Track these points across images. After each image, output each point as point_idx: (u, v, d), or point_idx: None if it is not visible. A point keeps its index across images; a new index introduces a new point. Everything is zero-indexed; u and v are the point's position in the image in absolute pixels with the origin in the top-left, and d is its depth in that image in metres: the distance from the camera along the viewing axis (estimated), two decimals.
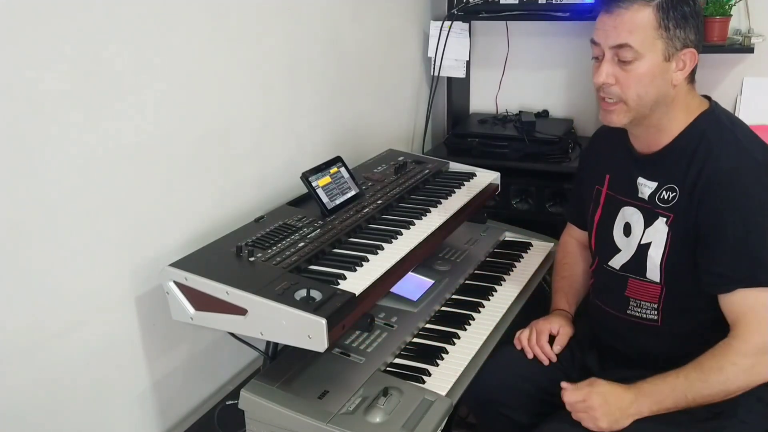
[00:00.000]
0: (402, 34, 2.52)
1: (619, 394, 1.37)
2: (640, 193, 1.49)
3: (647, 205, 1.47)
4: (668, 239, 1.43)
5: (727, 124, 1.43)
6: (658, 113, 1.41)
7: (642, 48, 1.35)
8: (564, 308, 1.69)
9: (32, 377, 1.25)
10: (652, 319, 1.49)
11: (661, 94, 1.39)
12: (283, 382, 1.36)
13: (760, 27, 2.36)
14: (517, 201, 2.45)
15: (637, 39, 1.35)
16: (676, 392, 1.34)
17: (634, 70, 1.36)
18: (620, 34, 1.35)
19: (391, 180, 1.87)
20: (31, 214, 1.21)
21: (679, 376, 1.35)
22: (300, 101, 1.91)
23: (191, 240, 1.54)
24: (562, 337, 1.62)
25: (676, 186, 1.42)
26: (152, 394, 1.53)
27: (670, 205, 1.43)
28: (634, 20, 1.35)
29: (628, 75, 1.37)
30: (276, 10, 1.77)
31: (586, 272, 1.75)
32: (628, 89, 1.38)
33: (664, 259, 1.44)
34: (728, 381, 1.33)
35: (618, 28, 1.36)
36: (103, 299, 1.37)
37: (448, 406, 1.35)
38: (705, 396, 1.33)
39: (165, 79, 1.45)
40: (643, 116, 1.41)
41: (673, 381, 1.35)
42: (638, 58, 1.35)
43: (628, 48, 1.35)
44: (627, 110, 1.40)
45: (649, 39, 1.35)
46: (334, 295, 1.28)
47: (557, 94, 2.73)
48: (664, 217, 1.44)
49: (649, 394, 1.36)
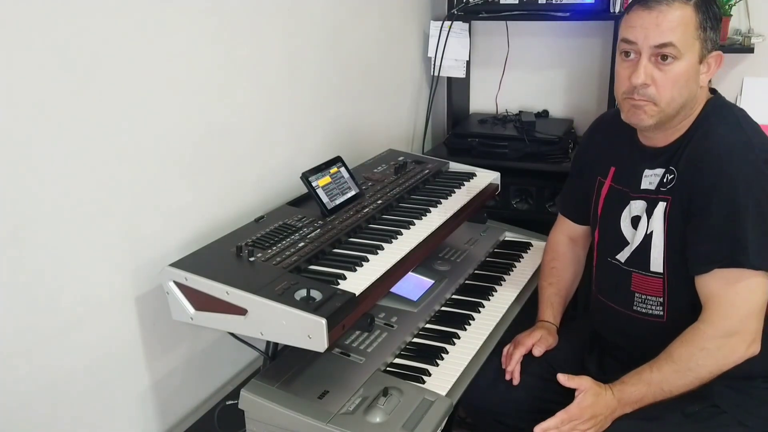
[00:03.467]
0: (402, 34, 2.52)
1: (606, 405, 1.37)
2: (647, 184, 1.47)
3: (651, 195, 1.46)
4: (666, 224, 1.43)
5: (731, 107, 1.43)
6: (681, 116, 1.40)
7: (683, 47, 1.32)
8: (549, 320, 1.67)
9: (32, 377, 1.25)
10: (658, 314, 1.49)
11: (690, 96, 1.38)
12: (283, 382, 1.36)
13: (760, 27, 2.36)
14: (517, 201, 2.45)
15: (680, 38, 1.32)
16: (652, 387, 1.36)
17: (672, 71, 1.34)
18: (663, 32, 1.32)
19: (391, 180, 1.87)
20: (31, 214, 1.21)
21: (652, 370, 1.36)
22: (300, 101, 1.91)
23: (191, 240, 1.54)
24: (541, 343, 1.59)
25: (674, 168, 1.42)
26: (152, 394, 1.53)
27: (668, 189, 1.43)
28: (677, 18, 1.32)
29: (665, 75, 1.34)
30: (276, 10, 1.77)
31: (576, 275, 1.74)
32: (664, 90, 1.35)
33: (665, 246, 1.43)
34: (699, 367, 1.34)
35: (661, 26, 1.32)
36: (103, 299, 1.37)
37: (448, 406, 1.35)
38: (680, 386, 1.35)
39: (165, 79, 1.45)
40: (669, 118, 1.39)
41: (648, 376, 1.36)
42: (678, 58, 1.33)
43: (671, 47, 1.32)
44: (658, 112, 1.37)
45: (689, 39, 1.33)
46: (334, 295, 1.28)
47: (557, 94, 2.74)
48: (664, 202, 1.43)
49: (630, 396, 1.37)
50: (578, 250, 1.75)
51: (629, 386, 1.37)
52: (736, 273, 1.33)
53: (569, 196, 1.77)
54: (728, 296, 1.34)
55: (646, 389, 1.36)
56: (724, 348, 1.34)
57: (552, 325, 1.67)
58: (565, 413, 1.36)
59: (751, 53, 2.30)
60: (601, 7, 2.34)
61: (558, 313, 1.69)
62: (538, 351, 1.59)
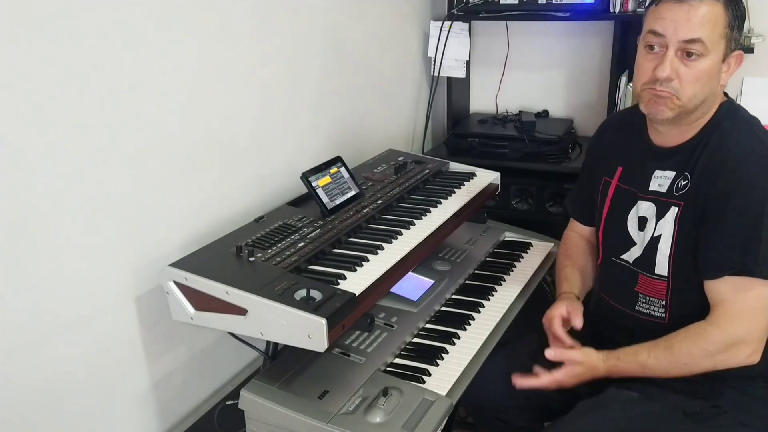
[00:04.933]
0: (402, 34, 2.52)
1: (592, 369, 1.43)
2: (657, 186, 1.46)
3: (663, 198, 1.45)
4: (675, 228, 1.42)
5: (744, 114, 1.43)
6: (698, 113, 1.39)
7: (711, 45, 1.31)
8: (566, 290, 1.62)
9: (32, 377, 1.25)
10: (660, 316, 1.48)
11: (711, 94, 1.37)
12: (283, 382, 1.36)
13: (761, 27, 2.36)
14: (517, 201, 2.45)
15: (709, 35, 1.31)
16: (645, 371, 1.40)
17: (697, 67, 1.32)
18: (693, 27, 1.30)
19: (391, 180, 1.87)
20: (31, 214, 1.21)
21: (650, 355, 1.39)
22: (300, 101, 1.91)
23: (191, 240, 1.54)
24: (575, 314, 1.53)
25: (688, 174, 1.41)
26: (152, 394, 1.53)
27: (681, 194, 1.42)
28: (708, 14, 1.30)
29: (689, 71, 1.33)
30: (276, 10, 1.77)
31: (592, 263, 1.71)
32: (687, 85, 1.33)
33: (672, 251, 1.43)
34: (694, 364, 1.36)
35: (692, 20, 1.30)
36: (103, 299, 1.37)
37: (448, 406, 1.35)
38: (668, 373, 1.38)
39: (164, 79, 1.45)
40: (687, 113, 1.38)
41: (644, 360, 1.39)
42: (704, 55, 1.32)
43: (700, 43, 1.31)
44: (678, 106, 1.35)
45: (717, 36, 1.32)
46: (334, 295, 1.28)
47: (557, 94, 2.74)
48: (676, 207, 1.42)
49: (619, 371, 1.42)
50: (591, 247, 1.74)
51: (622, 363, 1.42)
52: (747, 281, 1.33)
53: (578, 198, 1.76)
54: (737, 303, 1.33)
55: (638, 370, 1.40)
56: (725, 352, 1.34)
57: (571, 294, 1.61)
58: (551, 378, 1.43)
59: (752, 53, 2.30)
60: (601, 7, 2.34)
61: (575, 283, 1.64)
62: (578, 323, 1.52)
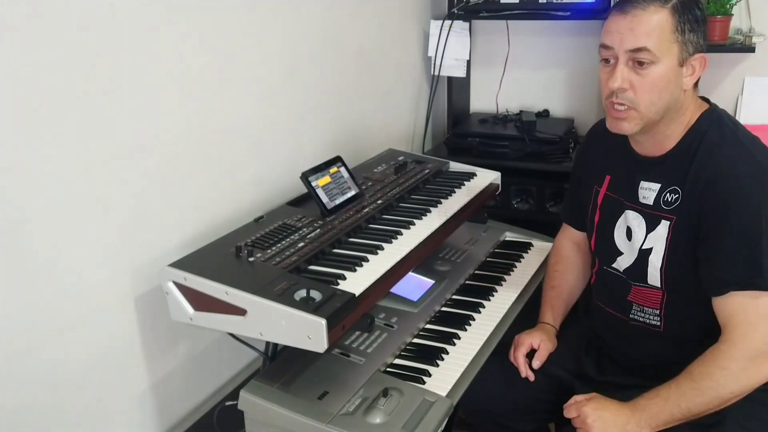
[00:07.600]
0: (402, 34, 2.51)
1: (615, 411, 1.35)
2: (642, 198, 1.47)
3: (651, 211, 1.45)
4: (668, 242, 1.42)
5: (729, 124, 1.41)
6: (667, 119, 1.39)
7: (659, 52, 1.31)
8: (548, 322, 1.67)
9: (31, 377, 1.25)
10: (655, 324, 1.48)
11: (672, 99, 1.36)
12: (283, 382, 1.36)
13: (762, 26, 2.35)
14: (518, 201, 2.45)
15: (655, 42, 1.31)
16: (669, 403, 1.32)
17: (650, 75, 1.32)
18: (638, 37, 1.31)
19: (391, 180, 1.87)
20: (30, 214, 1.20)
21: (671, 386, 1.33)
22: (300, 101, 1.91)
23: (191, 240, 1.54)
24: (542, 351, 1.60)
25: (678, 188, 1.40)
26: (152, 394, 1.53)
27: (672, 208, 1.41)
28: (651, 22, 1.31)
29: (643, 80, 1.33)
30: (276, 10, 1.77)
31: (579, 279, 1.73)
32: (643, 94, 1.33)
33: (664, 264, 1.43)
34: (719, 386, 1.30)
35: (635, 30, 1.31)
36: (103, 299, 1.37)
37: (449, 406, 1.34)
38: (699, 404, 1.31)
39: (164, 79, 1.44)
40: (653, 123, 1.38)
41: (666, 392, 1.33)
42: (655, 62, 1.32)
43: (646, 51, 1.31)
44: (639, 117, 1.36)
45: (666, 43, 1.31)
46: (334, 295, 1.28)
47: (558, 94, 2.73)
48: (667, 221, 1.42)
49: (644, 408, 1.33)
50: (582, 254, 1.75)
51: (644, 399, 1.34)
52: (754, 295, 1.32)
53: (570, 203, 1.77)
54: (748, 317, 1.32)
55: (662, 403, 1.32)
56: (748, 369, 1.30)
57: (552, 328, 1.66)
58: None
59: (752, 53, 2.30)
60: (601, 7, 2.33)
61: (558, 315, 1.69)
62: (536, 364, 1.59)
